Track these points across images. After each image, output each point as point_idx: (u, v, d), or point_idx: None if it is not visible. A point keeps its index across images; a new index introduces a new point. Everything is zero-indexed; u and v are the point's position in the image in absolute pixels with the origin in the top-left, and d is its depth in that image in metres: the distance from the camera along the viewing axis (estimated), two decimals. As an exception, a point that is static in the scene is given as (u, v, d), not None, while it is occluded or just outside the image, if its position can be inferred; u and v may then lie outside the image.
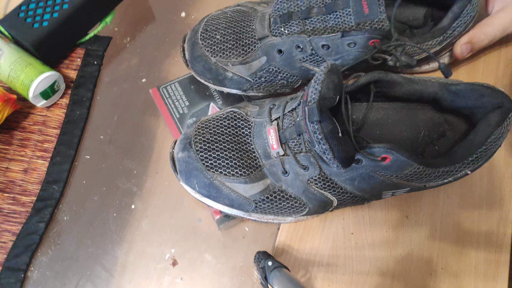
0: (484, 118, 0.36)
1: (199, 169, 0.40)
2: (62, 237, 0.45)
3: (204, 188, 0.40)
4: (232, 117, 0.42)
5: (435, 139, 0.41)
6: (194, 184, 0.40)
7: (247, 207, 0.39)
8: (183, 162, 0.40)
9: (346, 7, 0.41)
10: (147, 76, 0.53)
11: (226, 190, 0.39)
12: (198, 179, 0.40)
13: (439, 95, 0.39)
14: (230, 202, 0.40)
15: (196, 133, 0.41)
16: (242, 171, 0.39)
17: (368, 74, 0.38)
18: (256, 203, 0.39)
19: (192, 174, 0.40)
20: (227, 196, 0.39)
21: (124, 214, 0.46)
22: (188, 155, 0.40)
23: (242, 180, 0.39)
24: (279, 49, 0.43)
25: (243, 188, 0.39)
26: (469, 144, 0.36)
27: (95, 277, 0.43)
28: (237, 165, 0.39)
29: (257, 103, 0.43)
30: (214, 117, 0.43)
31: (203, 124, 0.42)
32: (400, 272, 0.43)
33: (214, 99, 0.50)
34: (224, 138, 0.40)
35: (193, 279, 0.43)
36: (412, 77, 0.39)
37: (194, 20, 0.57)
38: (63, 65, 0.52)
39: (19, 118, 0.49)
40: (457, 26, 0.44)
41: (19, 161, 0.48)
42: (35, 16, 0.49)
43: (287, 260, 0.43)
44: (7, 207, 0.45)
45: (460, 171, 0.37)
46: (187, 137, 0.41)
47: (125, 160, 0.49)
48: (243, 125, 0.41)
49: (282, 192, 0.39)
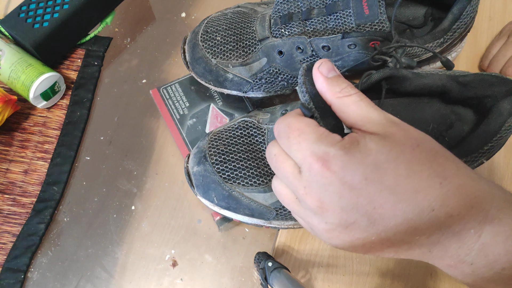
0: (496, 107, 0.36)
1: (216, 182, 0.39)
2: (62, 238, 0.45)
3: (223, 201, 0.39)
4: (244, 126, 0.42)
5: (444, 130, 0.41)
6: (213, 197, 0.40)
7: (268, 215, 0.39)
8: (199, 176, 0.40)
9: (346, 8, 0.41)
10: (148, 77, 0.53)
11: (245, 200, 0.39)
12: (216, 192, 0.40)
13: (447, 87, 0.39)
14: (250, 212, 0.39)
15: (210, 145, 0.41)
16: (260, 180, 0.39)
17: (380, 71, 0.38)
18: (277, 210, 0.39)
19: (210, 187, 0.40)
20: (247, 206, 0.39)
21: (124, 215, 0.46)
22: (204, 168, 0.40)
23: (261, 189, 0.39)
24: (280, 50, 0.43)
25: (262, 197, 0.39)
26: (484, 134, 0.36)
27: (95, 278, 0.44)
28: (254, 174, 0.39)
29: (268, 111, 0.43)
30: (226, 128, 0.42)
31: (216, 136, 0.42)
32: (400, 272, 0.43)
33: (214, 100, 0.50)
34: (238, 148, 0.40)
35: (193, 280, 0.44)
36: (420, 71, 0.39)
37: (194, 20, 0.57)
38: (64, 65, 0.52)
39: (19, 119, 0.49)
40: (457, 28, 0.44)
41: (19, 163, 0.48)
42: (35, 16, 0.49)
43: (287, 261, 0.43)
44: (7, 208, 0.45)
45: (476, 160, 0.37)
46: (201, 150, 0.41)
47: (125, 161, 0.49)
48: (256, 133, 0.41)
49: None
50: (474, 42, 0.54)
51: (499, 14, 0.56)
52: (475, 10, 0.45)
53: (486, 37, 0.55)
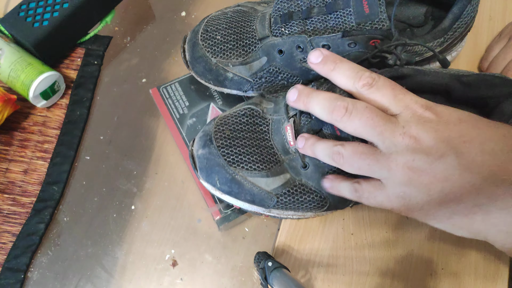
0: (498, 108, 0.37)
1: (221, 165, 0.40)
2: (62, 238, 0.45)
3: (226, 184, 0.40)
4: (250, 114, 0.42)
5: None
6: (216, 181, 0.40)
7: (269, 202, 0.39)
8: (203, 159, 0.40)
9: (346, 7, 0.41)
10: (147, 76, 0.53)
11: (248, 185, 0.39)
12: (219, 175, 0.40)
13: (450, 86, 0.39)
14: (251, 197, 0.40)
15: (216, 129, 0.41)
16: (263, 165, 0.39)
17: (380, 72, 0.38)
18: (278, 197, 0.39)
19: (213, 170, 0.40)
20: (249, 191, 0.39)
21: (124, 214, 0.46)
22: (209, 151, 0.40)
23: (264, 174, 0.39)
24: (280, 49, 0.43)
25: (265, 182, 0.39)
26: None
27: (95, 278, 0.43)
28: (258, 159, 0.39)
29: (272, 100, 0.43)
30: (232, 113, 0.42)
31: (222, 121, 0.42)
32: (400, 272, 0.43)
33: (214, 100, 0.50)
34: (243, 134, 0.41)
35: (193, 280, 0.43)
36: (423, 68, 0.39)
37: (194, 19, 0.57)
38: (63, 65, 0.52)
39: (19, 118, 0.49)
40: (457, 27, 0.44)
41: (19, 162, 0.47)
42: (35, 15, 0.49)
43: (287, 260, 0.43)
44: (7, 208, 0.45)
45: None
46: (207, 133, 0.41)
47: (125, 160, 0.48)
48: (261, 123, 0.41)
49: (302, 185, 0.39)
50: (474, 42, 0.54)
51: (499, 14, 0.56)
52: (476, 9, 0.45)
53: (487, 37, 0.55)
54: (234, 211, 0.45)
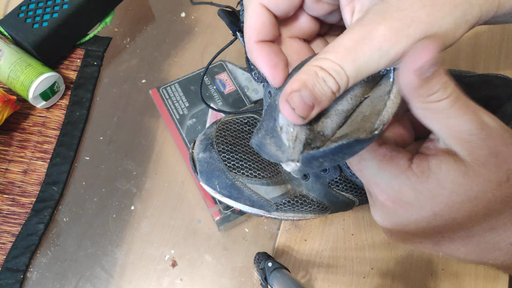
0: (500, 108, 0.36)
1: (221, 170, 0.40)
2: (62, 238, 0.45)
3: (226, 189, 0.40)
4: (253, 123, 0.42)
5: None
6: (215, 185, 0.40)
7: (268, 208, 0.40)
8: (204, 163, 0.40)
9: None
10: (147, 77, 0.53)
11: (247, 191, 0.39)
12: (219, 180, 0.40)
13: None
14: (251, 203, 0.40)
15: (217, 134, 0.41)
16: (264, 173, 0.39)
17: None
18: (277, 206, 0.39)
19: (213, 174, 0.40)
20: (248, 197, 0.39)
21: (124, 215, 0.46)
22: (210, 155, 0.40)
23: (264, 182, 0.39)
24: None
25: (264, 190, 0.39)
26: None
27: (94, 278, 0.43)
28: (259, 167, 0.39)
29: None
30: (234, 120, 0.42)
31: (224, 126, 0.42)
32: (400, 273, 0.43)
33: (214, 100, 0.50)
34: (245, 142, 0.41)
35: (193, 280, 0.43)
36: None
37: (194, 20, 0.57)
38: (63, 66, 0.52)
39: (18, 119, 0.49)
40: None
41: (18, 162, 0.47)
42: (35, 16, 0.49)
43: (287, 261, 0.43)
44: (6, 208, 0.45)
45: None
46: (208, 137, 0.41)
47: (125, 161, 0.48)
48: None
49: (303, 196, 0.39)
50: (475, 42, 0.54)
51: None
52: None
53: (487, 37, 0.55)
54: (234, 212, 0.45)
